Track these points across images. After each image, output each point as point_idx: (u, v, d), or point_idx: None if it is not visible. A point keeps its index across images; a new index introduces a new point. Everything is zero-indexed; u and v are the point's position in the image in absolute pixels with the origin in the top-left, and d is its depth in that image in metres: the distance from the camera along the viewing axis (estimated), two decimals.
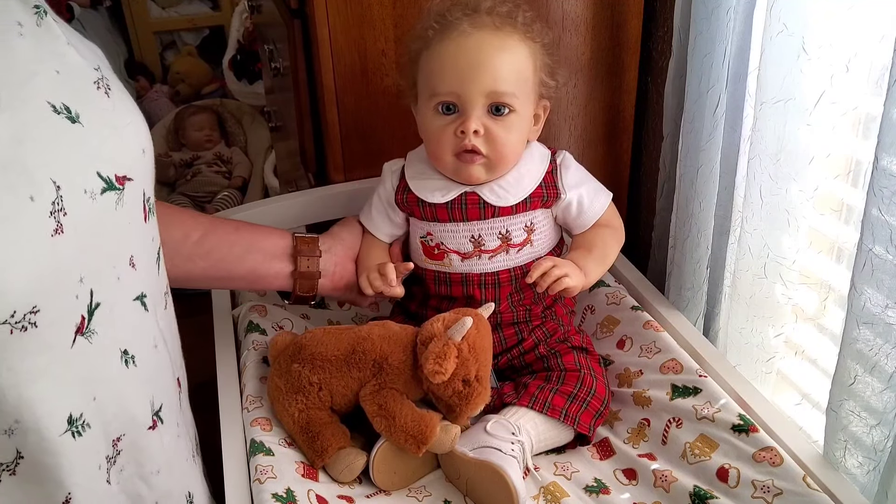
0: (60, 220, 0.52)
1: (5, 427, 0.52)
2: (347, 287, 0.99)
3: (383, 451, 0.83)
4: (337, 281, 0.97)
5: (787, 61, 0.82)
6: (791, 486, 0.76)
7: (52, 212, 0.52)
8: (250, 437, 0.84)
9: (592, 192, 0.97)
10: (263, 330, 1.00)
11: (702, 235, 0.99)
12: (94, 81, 0.61)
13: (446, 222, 0.94)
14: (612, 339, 1.02)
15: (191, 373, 0.94)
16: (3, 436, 0.52)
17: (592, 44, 1.13)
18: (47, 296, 0.52)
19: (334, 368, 0.85)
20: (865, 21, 0.76)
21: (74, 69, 0.59)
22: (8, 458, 0.53)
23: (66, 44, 0.60)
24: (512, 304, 0.95)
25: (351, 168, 1.14)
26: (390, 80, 0.99)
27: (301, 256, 0.94)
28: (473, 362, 0.82)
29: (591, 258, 0.93)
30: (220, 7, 3.03)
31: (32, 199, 0.50)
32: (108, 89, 0.62)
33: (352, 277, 0.98)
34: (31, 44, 0.56)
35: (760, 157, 0.87)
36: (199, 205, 2.36)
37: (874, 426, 0.74)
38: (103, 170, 0.58)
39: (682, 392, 0.89)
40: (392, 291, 0.91)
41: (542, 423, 0.88)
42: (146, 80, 2.94)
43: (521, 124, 0.90)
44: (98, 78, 0.62)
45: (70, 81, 0.58)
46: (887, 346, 0.72)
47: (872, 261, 0.71)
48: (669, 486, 0.82)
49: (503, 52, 0.87)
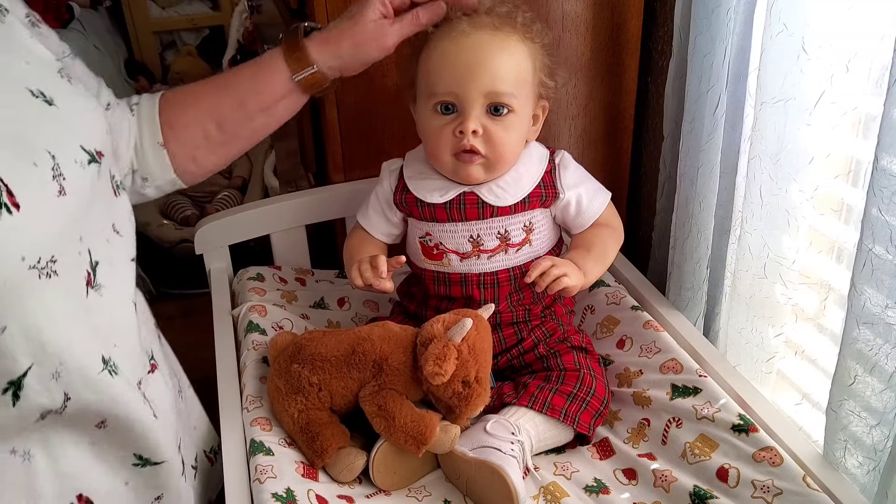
0: (62, 184, 0.59)
1: (52, 371, 0.58)
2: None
3: (383, 451, 0.83)
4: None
5: (787, 61, 0.81)
6: (791, 486, 0.76)
7: (53, 176, 0.58)
8: (250, 437, 0.84)
9: (591, 191, 0.97)
10: (263, 330, 1.00)
11: (702, 235, 0.99)
12: (57, 71, 0.67)
13: (445, 222, 0.94)
14: (612, 338, 1.02)
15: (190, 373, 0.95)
16: (52, 381, 0.58)
17: (592, 44, 1.13)
18: (61, 249, 0.58)
19: (334, 369, 0.85)
20: (865, 21, 0.76)
21: (40, 60, 0.66)
22: (58, 403, 0.60)
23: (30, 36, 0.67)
24: (511, 304, 0.95)
25: (351, 168, 1.14)
26: (390, 80, 0.99)
27: (303, 82, 0.87)
28: (473, 363, 0.82)
29: (591, 258, 0.93)
30: (220, 7, 3.03)
31: (36, 164, 0.57)
32: (69, 78, 0.69)
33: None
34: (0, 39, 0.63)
35: (760, 157, 0.87)
36: (199, 205, 2.36)
37: (874, 426, 0.74)
38: (84, 144, 0.65)
39: (682, 392, 0.89)
40: (381, 284, 0.89)
41: (542, 422, 0.88)
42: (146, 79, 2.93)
43: (519, 124, 0.90)
44: (60, 68, 0.68)
45: (38, 71, 0.65)
46: (887, 346, 0.72)
47: (872, 261, 0.71)
48: (669, 486, 0.82)
49: (502, 52, 0.87)
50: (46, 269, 0.56)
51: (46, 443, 0.63)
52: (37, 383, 0.58)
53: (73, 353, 0.60)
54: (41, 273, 0.56)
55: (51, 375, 0.58)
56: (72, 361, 0.59)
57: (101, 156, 0.67)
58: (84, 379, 0.61)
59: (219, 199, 2.36)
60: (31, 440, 0.61)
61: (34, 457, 0.62)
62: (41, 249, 0.56)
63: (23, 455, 0.61)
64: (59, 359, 0.58)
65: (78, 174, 0.62)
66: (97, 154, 0.66)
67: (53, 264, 0.57)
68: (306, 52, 0.85)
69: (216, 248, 1.15)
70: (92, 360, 0.62)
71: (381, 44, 0.86)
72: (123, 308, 0.70)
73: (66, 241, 0.60)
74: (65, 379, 0.59)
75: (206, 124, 0.85)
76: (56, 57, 0.69)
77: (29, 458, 0.62)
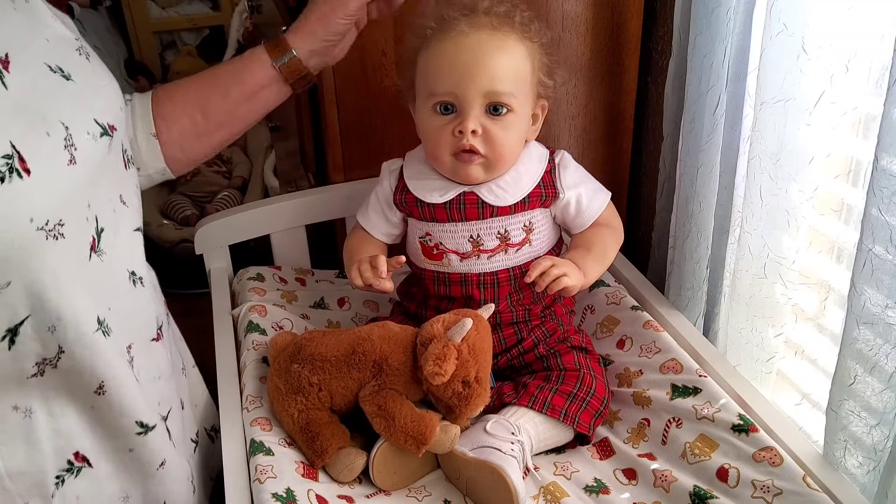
0: (73, 154, 0.63)
1: (49, 325, 0.62)
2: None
3: (383, 451, 0.83)
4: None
5: (787, 61, 0.81)
6: (791, 486, 0.76)
7: (65, 146, 0.62)
8: (250, 437, 0.84)
9: (591, 191, 0.97)
10: (263, 330, 1.00)
11: (702, 235, 0.99)
12: (76, 49, 0.72)
13: (445, 222, 0.94)
14: (612, 338, 1.02)
15: None
16: (47, 333, 0.62)
17: (592, 44, 1.13)
18: (68, 214, 0.62)
19: (334, 369, 0.85)
20: (865, 21, 0.76)
21: (60, 38, 0.70)
22: (51, 353, 0.64)
23: (52, 17, 0.71)
24: (511, 303, 0.95)
25: (351, 168, 1.14)
26: (390, 80, 0.99)
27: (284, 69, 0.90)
28: (473, 364, 0.82)
29: (590, 258, 0.92)
30: (220, 7, 3.02)
31: (49, 134, 0.61)
32: (87, 56, 0.73)
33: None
34: (24, 17, 0.67)
35: (760, 157, 0.87)
36: (199, 205, 2.35)
37: (874, 426, 0.74)
38: (98, 118, 0.69)
39: (682, 392, 0.89)
40: (381, 284, 0.89)
41: (542, 422, 0.88)
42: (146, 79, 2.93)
43: (519, 124, 0.90)
44: (79, 46, 0.73)
45: (58, 48, 0.69)
46: (887, 346, 0.72)
47: (872, 261, 0.71)
48: (669, 485, 0.82)
49: (501, 51, 0.87)
50: (53, 231, 0.60)
51: (46, 401, 0.67)
52: (32, 331, 0.62)
53: (71, 309, 0.63)
54: (48, 234, 0.59)
55: (47, 328, 0.62)
56: (69, 317, 0.63)
57: (114, 129, 0.72)
58: (78, 335, 0.65)
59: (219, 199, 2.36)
60: (31, 397, 0.66)
61: (34, 412, 0.66)
62: (49, 213, 0.59)
63: (24, 411, 0.66)
64: (56, 314, 0.62)
65: (90, 146, 0.66)
66: (110, 128, 0.71)
67: (61, 227, 0.61)
68: (284, 40, 0.90)
69: (216, 248, 1.15)
70: (87, 317, 0.66)
71: (344, 10, 0.89)
72: (122, 274, 0.74)
73: (74, 207, 0.64)
74: (60, 333, 0.63)
75: (193, 113, 0.89)
76: (75, 36, 0.73)
77: (29, 415, 0.66)
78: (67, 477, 0.70)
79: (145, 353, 0.77)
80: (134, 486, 0.77)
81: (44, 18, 0.70)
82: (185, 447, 0.86)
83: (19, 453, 0.66)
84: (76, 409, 0.69)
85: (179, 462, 0.82)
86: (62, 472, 0.70)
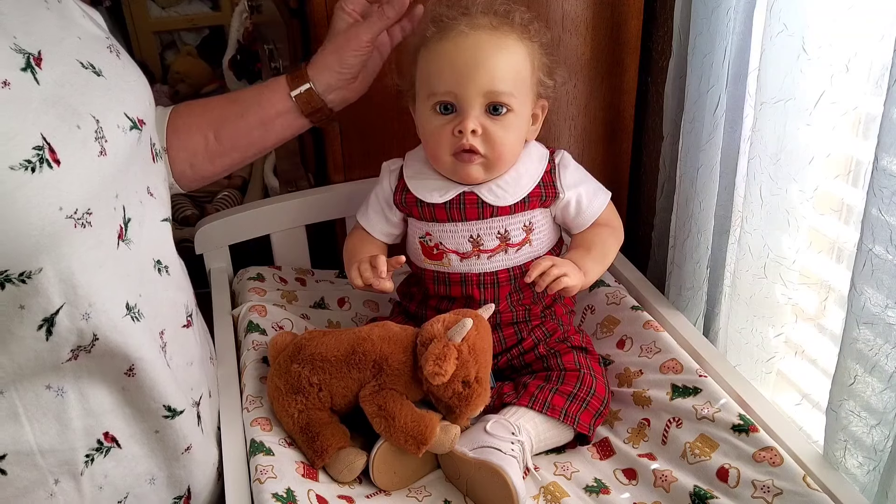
0: (103, 146, 0.66)
1: (83, 312, 0.65)
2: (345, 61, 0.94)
3: (383, 451, 0.83)
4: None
5: (787, 61, 0.81)
6: (791, 486, 0.76)
7: (96, 138, 0.65)
8: (250, 437, 0.84)
9: (591, 191, 0.97)
10: (263, 330, 1.00)
11: (702, 235, 0.99)
12: (107, 47, 0.75)
13: (445, 222, 0.94)
14: (612, 338, 1.02)
15: None
16: (82, 321, 0.65)
17: (592, 44, 1.13)
18: (97, 203, 0.64)
19: (334, 369, 0.85)
20: (865, 21, 0.76)
21: (91, 36, 0.73)
22: (86, 340, 0.66)
23: (82, 16, 0.74)
24: (511, 303, 0.95)
25: (351, 168, 1.14)
26: (390, 80, 0.99)
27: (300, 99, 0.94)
28: (473, 364, 0.82)
29: (590, 257, 0.93)
30: (220, 7, 3.02)
31: (79, 127, 0.63)
32: (118, 53, 0.76)
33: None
34: (56, 15, 0.70)
35: (760, 157, 0.87)
36: (199, 204, 2.35)
37: (874, 426, 0.74)
38: (128, 111, 0.72)
39: (682, 392, 0.89)
40: (381, 284, 0.89)
41: (542, 422, 0.88)
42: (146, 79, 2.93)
43: (518, 124, 0.90)
44: (109, 44, 0.76)
45: (89, 45, 0.71)
46: (887, 346, 0.72)
47: (872, 261, 0.71)
48: (669, 485, 0.82)
49: (500, 51, 0.87)
50: (82, 219, 0.62)
51: (78, 381, 0.69)
52: (68, 320, 0.64)
53: (101, 295, 0.66)
54: (77, 223, 0.62)
55: (81, 315, 0.65)
56: (100, 303, 0.66)
57: (143, 124, 0.75)
58: (111, 321, 0.67)
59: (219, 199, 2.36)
60: (64, 378, 0.68)
61: (66, 392, 0.68)
62: (78, 202, 0.62)
63: (57, 391, 0.68)
64: (88, 301, 0.65)
65: (119, 138, 0.69)
66: (139, 122, 0.74)
67: (89, 216, 0.63)
68: (304, 71, 0.94)
69: (216, 248, 1.15)
70: (117, 304, 0.68)
71: (356, 44, 0.92)
72: (149, 263, 0.76)
73: (103, 197, 0.66)
74: (94, 320, 0.66)
75: (207, 132, 0.93)
76: (105, 35, 0.76)
77: (62, 394, 0.68)
78: (97, 456, 0.72)
79: (177, 339, 0.80)
80: (160, 469, 0.78)
81: (75, 17, 0.73)
82: (215, 434, 0.88)
83: (51, 431, 0.68)
84: (107, 390, 0.71)
85: (207, 448, 0.84)
86: (92, 451, 0.72)
